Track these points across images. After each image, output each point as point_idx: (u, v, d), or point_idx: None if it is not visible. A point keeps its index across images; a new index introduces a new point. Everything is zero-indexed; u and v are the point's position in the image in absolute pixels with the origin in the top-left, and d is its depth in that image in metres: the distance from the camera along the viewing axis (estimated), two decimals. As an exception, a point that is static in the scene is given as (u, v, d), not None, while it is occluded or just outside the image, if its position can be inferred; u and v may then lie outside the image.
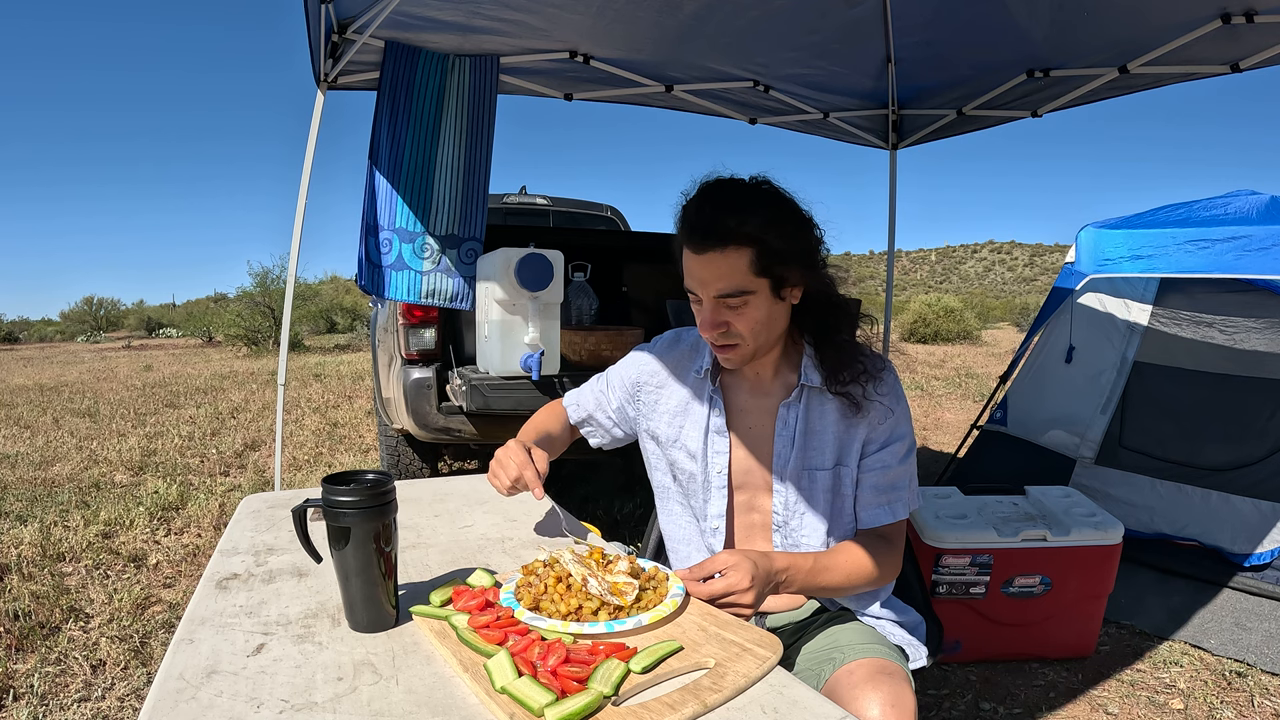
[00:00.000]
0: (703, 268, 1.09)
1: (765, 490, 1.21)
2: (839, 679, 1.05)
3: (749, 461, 1.22)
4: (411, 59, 2.56)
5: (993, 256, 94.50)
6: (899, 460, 1.18)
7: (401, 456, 3.37)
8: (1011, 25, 2.53)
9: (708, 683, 0.76)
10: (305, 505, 0.93)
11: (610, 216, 5.39)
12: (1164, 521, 2.98)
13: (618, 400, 1.34)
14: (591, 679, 0.75)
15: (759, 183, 1.12)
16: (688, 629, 0.89)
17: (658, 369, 1.30)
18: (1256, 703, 2.03)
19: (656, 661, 0.79)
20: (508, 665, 0.76)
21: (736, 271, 1.07)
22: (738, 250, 1.06)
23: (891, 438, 1.18)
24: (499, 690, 0.73)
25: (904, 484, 1.19)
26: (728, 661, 0.80)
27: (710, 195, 1.11)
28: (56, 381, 9.84)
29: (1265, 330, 3.00)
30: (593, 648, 0.81)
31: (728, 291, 1.08)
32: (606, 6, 2.42)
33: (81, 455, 4.96)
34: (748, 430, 1.22)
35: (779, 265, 1.08)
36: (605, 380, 1.38)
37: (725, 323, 1.11)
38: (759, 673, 0.78)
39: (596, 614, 0.89)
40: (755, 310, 1.10)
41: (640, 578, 0.97)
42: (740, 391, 1.23)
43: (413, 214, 2.61)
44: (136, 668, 2.15)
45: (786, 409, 1.18)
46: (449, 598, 0.94)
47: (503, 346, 2.44)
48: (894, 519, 1.18)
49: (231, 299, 19.27)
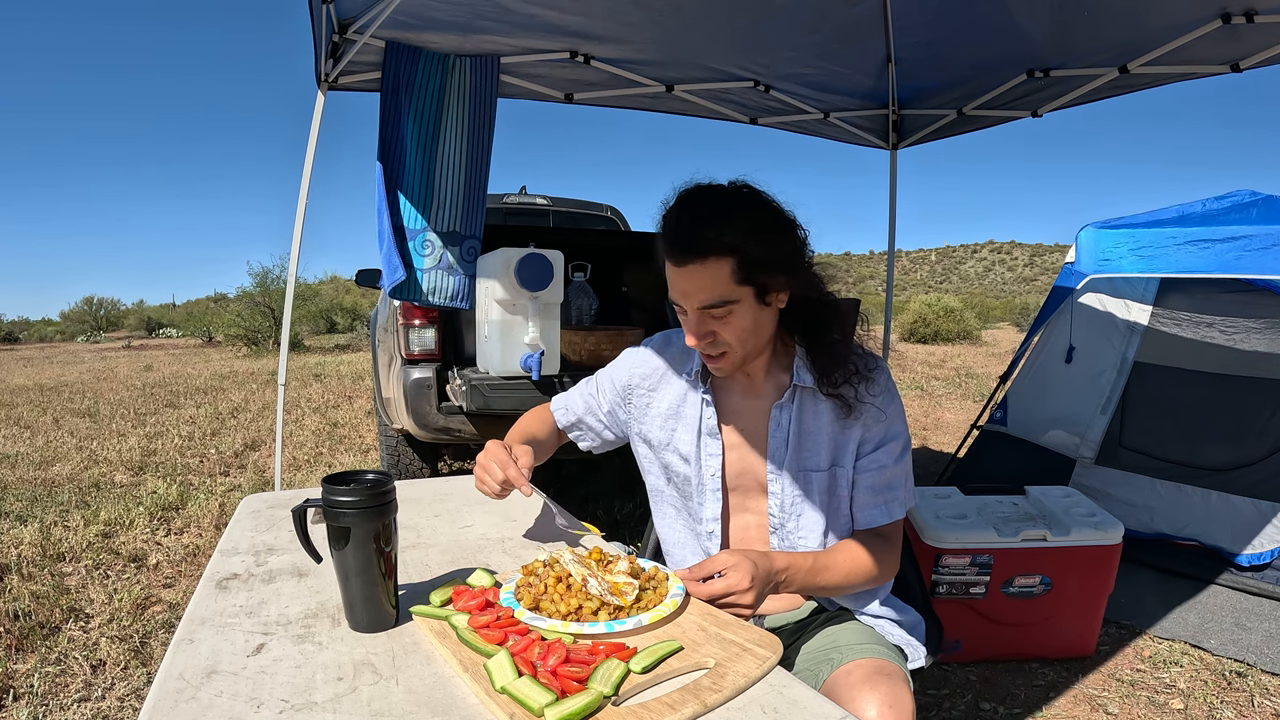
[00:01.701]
0: (684, 280, 1.08)
1: (760, 492, 1.21)
2: (837, 679, 1.05)
3: (743, 464, 1.21)
4: (412, 59, 2.56)
5: (993, 256, 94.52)
6: (894, 460, 1.18)
7: (401, 456, 3.37)
8: (1011, 25, 2.53)
9: (708, 683, 0.76)
10: (305, 505, 0.93)
11: (610, 216, 5.39)
12: (1164, 521, 2.98)
13: (608, 403, 1.33)
14: (591, 679, 0.75)
15: (738, 188, 1.10)
16: (688, 629, 0.89)
17: (649, 372, 1.29)
18: (1256, 703, 2.03)
19: (656, 661, 0.79)
20: (508, 665, 0.76)
21: (718, 282, 1.06)
22: (718, 261, 1.05)
23: (886, 438, 1.17)
24: (499, 690, 0.73)
25: (900, 483, 1.18)
26: (728, 661, 0.80)
27: (688, 206, 1.09)
28: (56, 381, 9.84)
29: (1265, 330, 3.00)
30: (593, 648, 0.81)
31: (711, 303, 1.07)
32: (607, 7, 2.42)
33: (81, 455, 4.96)
34: (740, 432, 1.22)
35: (761, 273, 1.07)
36: (595, 384, 1.37)
37: (711, 332, 1.11)
38: (759, 673, 0.78)
39: (596, 614, 0.89)
40: (740, 319, 1.09)
41: (640, 578, 0.97)
42: (732, 393, 1.23)
43: (415, 211, 2.61)
44: (136, 668, 2.15)
45: (779, 410, 1.18)
46: (449, 598, 0.94)
47: (503, 346, 2.44)
48: (890, 519, 1.18)
49: (231, 299, 19.28)
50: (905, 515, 1.21)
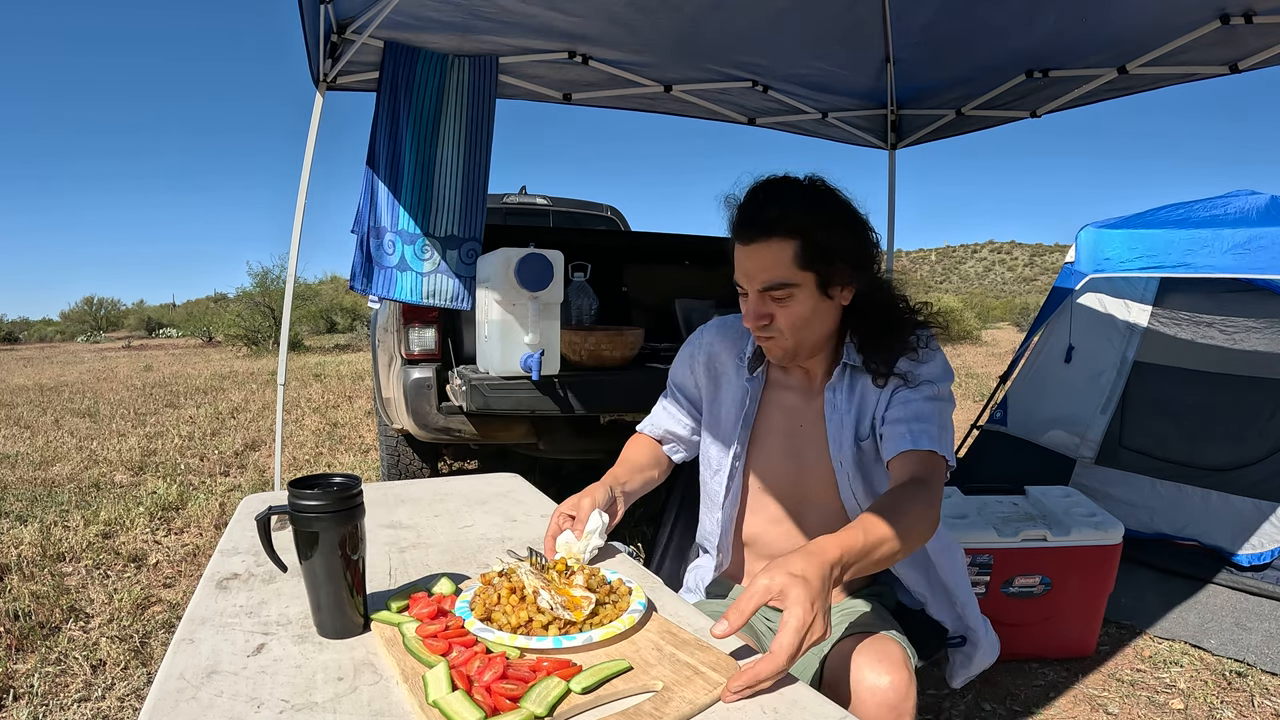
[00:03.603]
0: (748, 259, 1.10)
1: (827, 485, 1.20)
2: (831, 657, 1.06)
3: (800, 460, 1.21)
4: (411, 59, 2.56)
5: (993, 256, 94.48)
6: (924, 398, 1.12)
7: (401, 456, 3.37)
8: (1011, 25, 2.53)
9: (649, 708, 0.72)
10: (269, 512, 0.89)
11: (610, 216, 5.39)
12: (1164, 521, 2.98)
13: (687, 398, 1.34)
14: (525, 698, 0.71)
15: (811, 180, 1.12)
16: (642, 647, 0.84)
17: (709, 356, 1.31)
18: (1256, 703, 2.03)
19: (600, 682, 0.75)
20: (444, 678, 0.73)
21: (780, 263, 1.07)
22: (781, 242, 1.06)
23: (921, 379, 1.14)
24: (430, 704, 0.70)
25: (930, 418, 1.10)
26: (676, 685, 0.75)
27: (759, 190, 1.12)
28: (56, 381, 9.84)
29: (1265, 330, 3.00)
30: (536, 664, 0.78)
31: (771, 283, 1.08)
32: (606, 7, 2.42)
33: (81, 455, 4.96)
34: (799, 429, 1.22)
35: (824, 261, 1.07)
36: (669, 387, 1.38)
37: (769, 315, 1.11)
38: (707, 700, 0.73)
39: (547, 628, 0.85)
40: (799, 305, 1.10)
41: (600, 591, 0.92)
42: (789, 390, 1.24)
43: (412, 215, 2.61)
44: (136, 668, 2.15)
45: (832, 391, 1.18)
46: (406, 604, 0.91)
47: (503, 346, 2.44)
48: (915, 446, 1.07)
49: (231, 299, 19.29)
50: (941, 461, 1.08)
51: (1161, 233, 3.11)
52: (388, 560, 1.11)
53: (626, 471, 1.28)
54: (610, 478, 1.24)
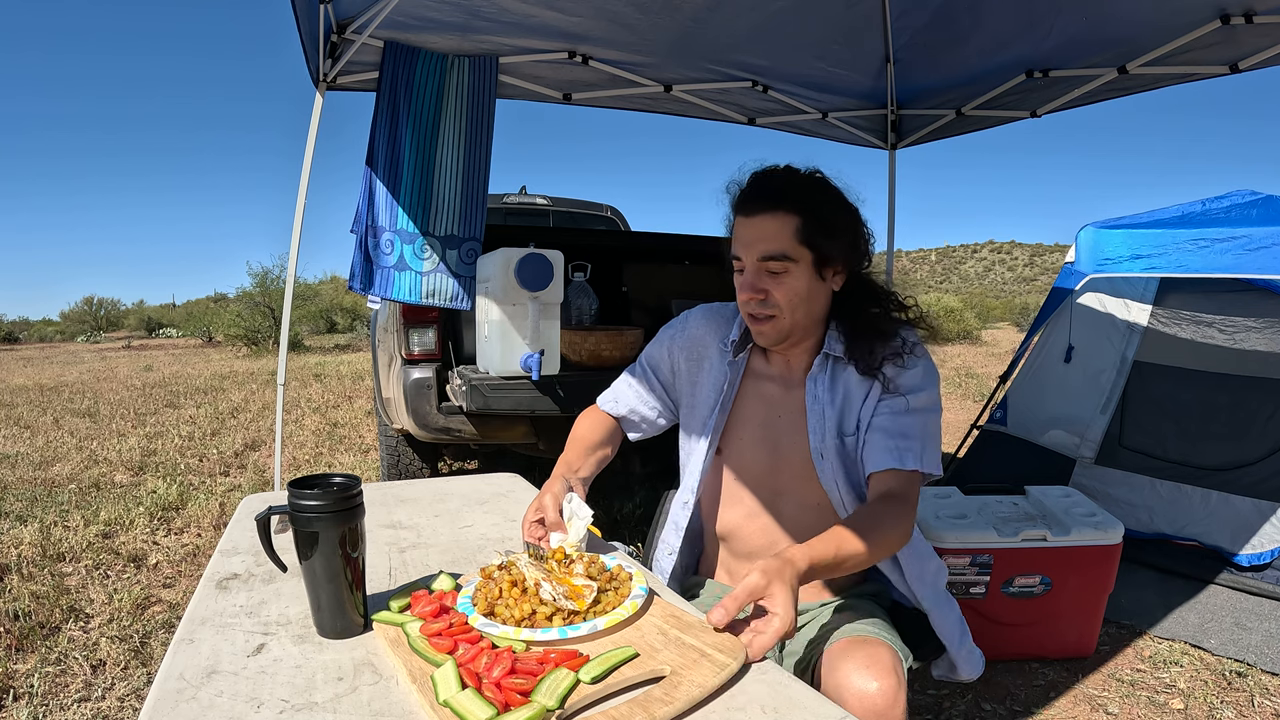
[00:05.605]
0: (749, 229, 1.12)
1: (806, 477, 1.19)
2: (824, 658, 1.06)
3: (778, 449, 1.21)
4: (411, 59, 2.56)
5: (993, 256, 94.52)
6: (910, 411, 1.13)
7: (401, 456, 3.37)
8: (1010, 25, 2.53)
9: (659, 693, 0.72)
10: (269, 512, 0.89)
11: (610, 216, 5.39)
12: (1164, 521, 2.98)
13: (660, 379, 1.34)
14: (536, 691, 0.71)
15: (812, 171, 1.17)
16: (647, 633, 0.84)
17: (690, 339, 1.31)
18: (1256, 703, 2.03)
19: (608, 670, 0.75)
20: (453, 677, 0.73)
21: (781, 235, 1.10)
22: (785, 215, 1.10)
23: (906, 388, 1.14)
24: (442, 704, 0.70)
25: (914, 434, 1.12)
26: (684, 669, 0.76)
27: (762, 171, 1.17)
28: (56, 381, 9.84)
29: (1265, 330, 3.00)
30: (543, 656, 0.78)
31: (771, 254, 1.11)
32: (606, 7, 2.42)
33: (81, 455, 4.96)
34: (779, 418, 1.22)
35: (823, 239, 1.11)
36: (639, 366, 1.37)
37: (765, 290, 1.12)
38: (715, 682, 0.73)
39: (551, 619, 0.85)
40: (795, 281, 1.12)
41: (601, 579, 0.92)
42: (768, 379, 1.24)
43: (412, 215, 2.61)
44: (136, 668, 2.15)
45: (814, 381, 1.18)
46: (407, 604, 0.91)
47: (503, 346, 2.44)
48: (900, 465, 1.09)
49: (231, 299, 19.31)
50: (920, 477, 1.12)
51: (1161, 233, 3.11)
52: (388, 560, 1.11)
53: (579, 455, 1.26)
54: (564, 466, 1.22)
